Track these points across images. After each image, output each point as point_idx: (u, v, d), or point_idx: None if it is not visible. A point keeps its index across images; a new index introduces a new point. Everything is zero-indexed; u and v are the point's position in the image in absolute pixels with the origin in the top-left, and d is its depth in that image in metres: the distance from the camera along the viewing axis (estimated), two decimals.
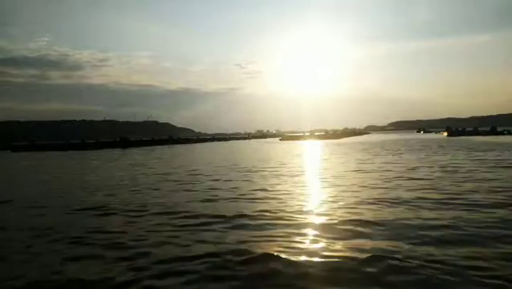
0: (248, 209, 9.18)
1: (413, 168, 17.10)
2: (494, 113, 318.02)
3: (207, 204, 10.14)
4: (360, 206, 9.03)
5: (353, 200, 9.86)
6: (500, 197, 9.70)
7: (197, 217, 8.59)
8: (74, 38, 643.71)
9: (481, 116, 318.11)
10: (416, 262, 5.27)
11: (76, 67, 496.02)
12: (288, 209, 8.97)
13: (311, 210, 8.84)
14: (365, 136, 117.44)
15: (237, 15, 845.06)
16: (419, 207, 8.73)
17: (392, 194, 10.45)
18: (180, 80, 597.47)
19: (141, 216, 8.94)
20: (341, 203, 9.51)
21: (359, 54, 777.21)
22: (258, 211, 8.86)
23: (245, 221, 8.02)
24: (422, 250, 5.78)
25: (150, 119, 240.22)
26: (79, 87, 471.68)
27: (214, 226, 7.66)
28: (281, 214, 8.50)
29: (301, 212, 8.68)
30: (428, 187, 11.62)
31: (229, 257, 5.76)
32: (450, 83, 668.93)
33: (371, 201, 9.65)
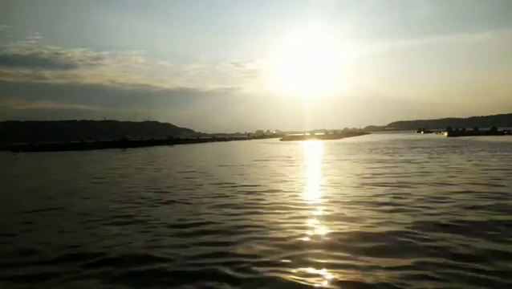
0: None
1: None
2: (495, 113, 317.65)
3: None
4: None
5: None
6: None
7: None
8: (66, 36, 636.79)
9: (482, 116, 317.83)
10: None
11: (70, 65, 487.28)
12: None
13: None
14: (365, 136, 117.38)
15: (236, 14, 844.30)
16: None
17: None
18: (178, 79, 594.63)
19: None
20: None
21: (359, 54, 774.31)
22: None
23: None
24: None
25: (150, 119, 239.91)
26: (75, 86, 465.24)
27: None
28: None
29: None
30: None
31: None
32: (450, 83, 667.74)
33: None
